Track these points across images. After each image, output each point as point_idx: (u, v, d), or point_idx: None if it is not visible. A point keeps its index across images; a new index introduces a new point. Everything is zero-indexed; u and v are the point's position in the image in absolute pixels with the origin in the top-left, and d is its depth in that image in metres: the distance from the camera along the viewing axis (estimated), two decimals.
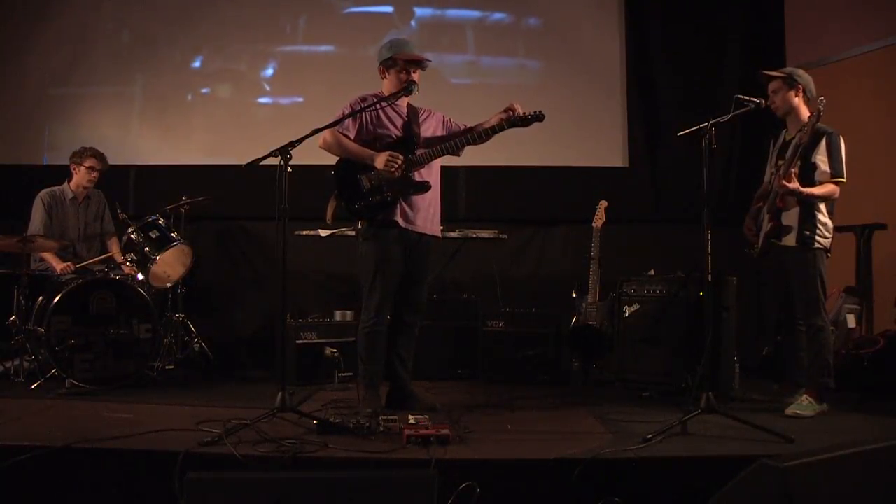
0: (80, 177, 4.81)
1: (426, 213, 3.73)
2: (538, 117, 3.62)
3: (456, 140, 3.70)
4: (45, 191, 4.80)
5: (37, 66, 5.78)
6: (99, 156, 4.83)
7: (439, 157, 3.71)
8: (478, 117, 3.79)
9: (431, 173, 3.76)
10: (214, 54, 5.84)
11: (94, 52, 5.79)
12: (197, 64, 5.84)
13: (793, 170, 3.62)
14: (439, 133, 3.82)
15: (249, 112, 5.81)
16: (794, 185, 3.58)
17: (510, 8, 5.89)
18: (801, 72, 3.78)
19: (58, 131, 5.76)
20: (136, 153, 5.72)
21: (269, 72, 5.85)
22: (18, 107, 5.76)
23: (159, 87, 5.82)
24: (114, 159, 5.10)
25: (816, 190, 3.62)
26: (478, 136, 3.68)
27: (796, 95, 3.72)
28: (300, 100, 5.84)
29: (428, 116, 3.83)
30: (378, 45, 3.83)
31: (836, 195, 3.66)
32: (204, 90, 5.85)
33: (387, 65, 3.71)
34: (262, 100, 5.86)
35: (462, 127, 3.83)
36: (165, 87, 5.82)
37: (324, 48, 5.87)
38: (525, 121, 3.61)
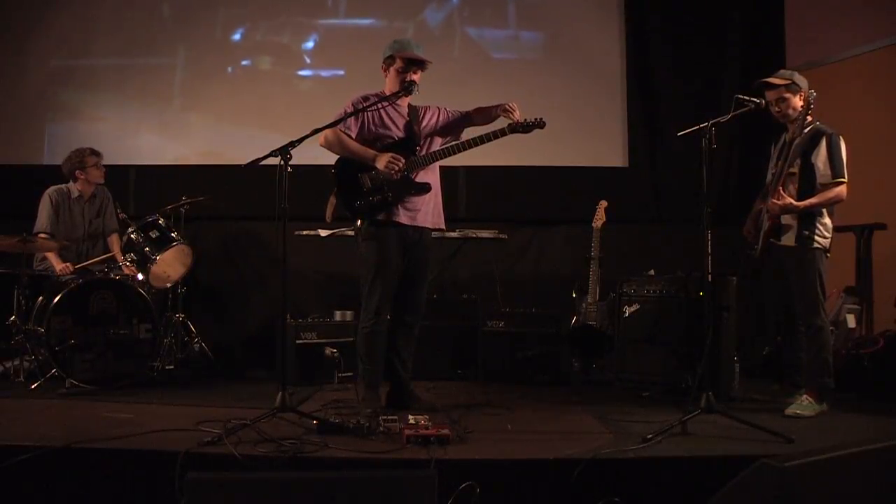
0: (93, 176, 4.80)
1: (426, 209, 3.73)
2: (539, 124, 3.62)
3: (457, 145, 3.69)
4: (52, 188, 4.80)
5: (37, 66, 5.77)
6: (95, 152, 4.84)
7: (440, 159, 3.71)
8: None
9: (431, 173, 3.75)
10: (255, 27, 5.85)
11: (95, 51, 5.79)
12: (237, 37, 5.86)
13: (792, 170, 3.62)
14: (441, 122, 3.81)
15: (290, 84, 5.84)
16: (786, 201, 3.58)
17: None
18: (798, 74, 3.77)
19: (58, 131, 5.75)
20: (136, 153, 5.71)
21: (310, 44, 5.87)
22: (18, 107, 5.76)
23: (191, 70, 5.84)
24: (114, 159, 5.11)
25: (814, 199, 3.61)
26: (479, 141, 3.65)
27: (801, 99, 3.71)
28: (341, 73, 5.86)
29: (426, 112, 3.83)
30: (419, 17, 3.80)
31: (842, 197, 3.62)
32: (244, 62, 5.86)
33: (388, 63, 3.71)
34: (303, 72, 5.89)
35: (460, 114, 3.82)
36: (197, 71, 5.84)
37: (365, 21, 5.87)
38: (526, 127, 3.61)
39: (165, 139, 5.78)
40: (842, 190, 3.61)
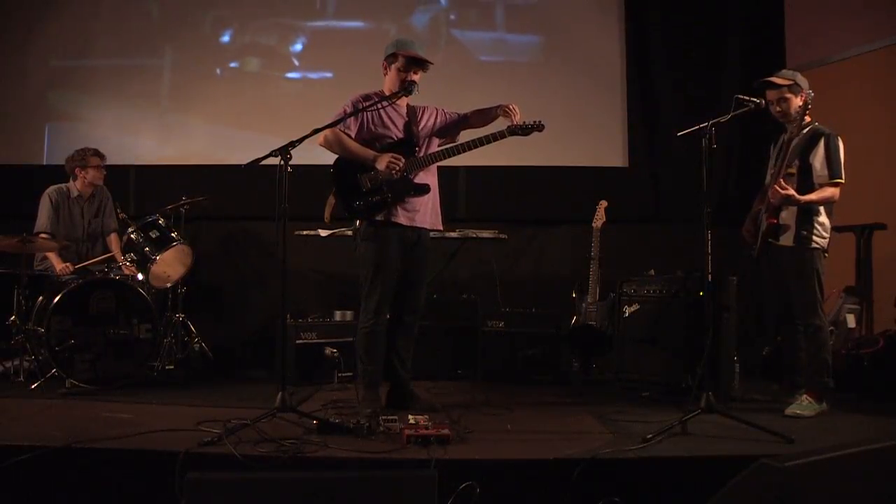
0: (92, 176, 4.80)
1: (425, 210, 3.73)
2: (538, 127, 3.62)
3: (456, 147, 3.70)
4: (52, 188, 4.80)
5: (37, 67, 5.77)
6: (99, 153, 4.84)
7: (440, 160, 3.71)
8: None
9: (429, 174, 3.75)
10: (244, 28, 5.85)
11: (95, 50, 5.79)
12: (226, 39, 5.85)
13: (790, 170, 3.62)
14: (439, 123, 3.81)
15: (278, 87, 5.83)
16: (789, 191, 3.58)
17: None
18: (800, 75, 3.77)
19: (58, 131, 5.75)
20: (136, 153, 5.71)
21: (299, 47, 5.88)
22: (18, 107, 5.76)
23: (179, 72, 5.85)
24: (114, 159, 5.10)
25: (813, 196, 3.62)
26: (478, 143, 3.64)
27: (801, 99, 3.71)
28: (329, 75, 5.86)
29: (424, 112, 3.83)
30: (406, 20, 3.78)
31: (836, 197, 3.64)
32: (232, 64, 5.85)
33: (389, 61, 3.71)
34: (291, 75, 5.89)
35: (457, 115, 3.83)
36: (186, 73, 5.85)
37: (353, 24, 5.88)
38: (525, 130, 3.61)
39: (161, 139, 5.78)
40: (835, 191, 3.63)
